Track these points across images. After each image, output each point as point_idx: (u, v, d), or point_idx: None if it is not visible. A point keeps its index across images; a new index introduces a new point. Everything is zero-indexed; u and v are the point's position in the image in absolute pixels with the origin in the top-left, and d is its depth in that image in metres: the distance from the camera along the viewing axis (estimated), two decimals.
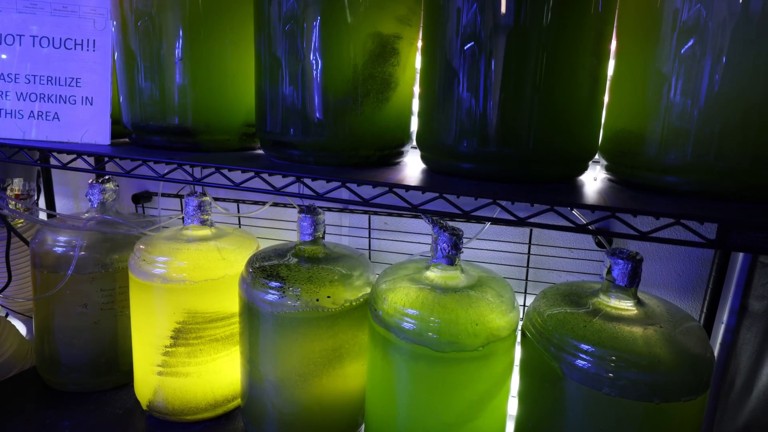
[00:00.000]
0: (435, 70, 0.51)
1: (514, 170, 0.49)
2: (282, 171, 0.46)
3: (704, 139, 0.43)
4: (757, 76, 0.41)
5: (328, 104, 0.53)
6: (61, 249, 0.78)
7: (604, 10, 0.47)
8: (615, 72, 0.51)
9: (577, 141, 0.50)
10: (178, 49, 0.58)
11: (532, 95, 0.46)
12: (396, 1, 0.53)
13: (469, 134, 0.49)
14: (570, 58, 0.47)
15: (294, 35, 0.52)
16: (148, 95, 0.60)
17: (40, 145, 0.57)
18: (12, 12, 0.63)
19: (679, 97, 0.44)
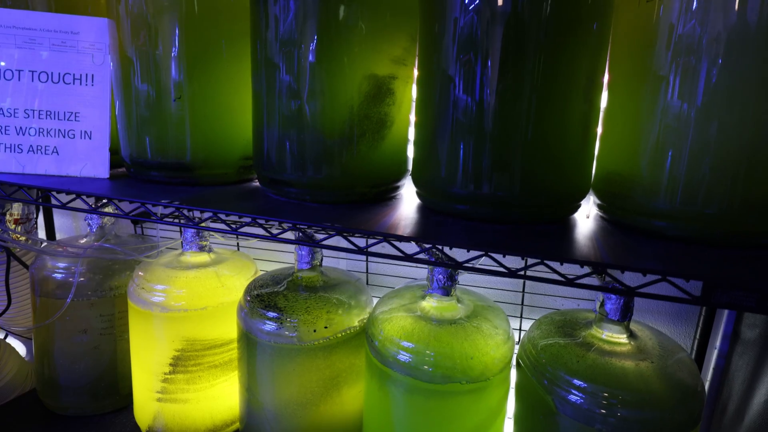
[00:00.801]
0: (429, 113, 0.52)
1: (507, 212, 0.50)
2: (278, 218, 0.46)
3: (691, 187, 0.44)
4: (743, 127, 0.42)
5: (324, 145, 0.53)
6: (60, 275, 0.79)
7: (595, 57, 0.48)
8: (606, 115, 0.52)
9: (569, 184, 0.51)
10: (175, 85, 0.59)
11: (525, 140, 0.47)
12: (391, 44, 0.54)
13: (463, 177, 0.50)
14: (562, 104, 0.48)
15: (290, 77, 0.53)
16: (146, 131, 0.61)
17: (39, 184, 0.58)
18: (11, 47, 0.63)
19: (667, 144, 0.45)
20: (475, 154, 0.49)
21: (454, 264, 0.42)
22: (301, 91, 0.53)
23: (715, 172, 0.43)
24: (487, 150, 0.48)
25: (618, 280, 0.38)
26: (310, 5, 0.50)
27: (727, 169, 0.43)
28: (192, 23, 0.58)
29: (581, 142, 0.50)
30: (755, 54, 0.40)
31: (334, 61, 0.51)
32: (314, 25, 0.51)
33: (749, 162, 0.42)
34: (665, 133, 0.45)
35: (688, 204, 0.44)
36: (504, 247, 0.41)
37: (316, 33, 0.51)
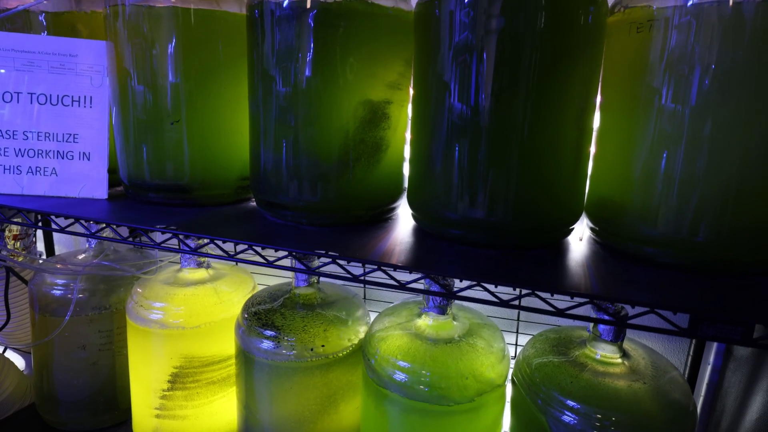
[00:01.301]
0: (423, 139, 0.53)
1: (501, 237, 0.50)
2: (274, 245, 0.47)
3: (681, 215, 0.45)
4: (732, 158, 0.42)
5: (321, 169, 0.54)
6: (59, 292, 0.80)
7: (587, 86, 0.49)
8: (598, 141, 0.53)
9: (562, 209, 0.52)
10: (173, 109, 0.60)
11: (518, 167, 0.48)
12: (386, 69, 0.55)
13: (457, 203, 0.50)
14: (554, 131, 0.48)
15: (286, 103, 0.53)
16: (144, 153, 0.61)
17: (38, 207, 0.58)
18: (10, 70, 0.64)
19: (657, 172, 0.46)
20: (469, 181, 0.49)
21: (447, 294, 0.42)
22: (297, 116, 0.53)
23: (704, 201, 0.44)
24: (480, 176, 0.49)
25: (608, 311, 0.38)
26: (305, 33, 0.51)
27: (715, 199, 0.43)
28: (189, 47, 0.59)
29: (574, 168, 0.51)
30: (743, 88, 0.41)
31: (329, 87, 0.52)
32: (309, 52, 0.51)
33: (737, 192, 0.43)
34: (655, 162, 0.46)
35: (678, 232, 0.45)
36: (497, 276, 0.41)
37: (310, 60, 0.52)
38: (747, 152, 0.42)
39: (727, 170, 0.43)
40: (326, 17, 0.50)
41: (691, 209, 0.44)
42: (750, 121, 0.42)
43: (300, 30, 0.51)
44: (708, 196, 0.44)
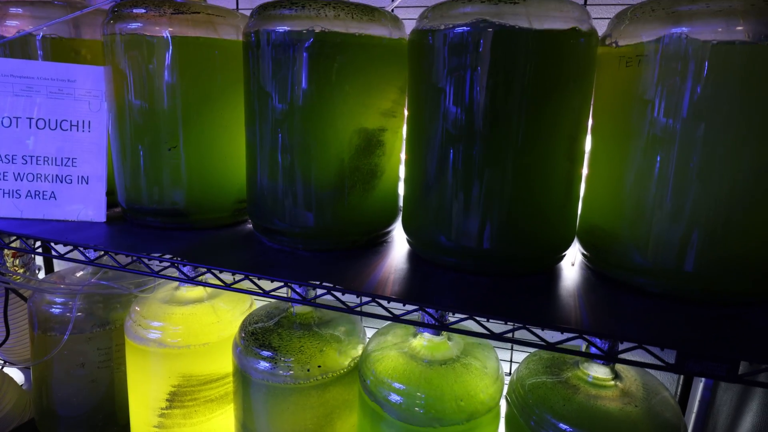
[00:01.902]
0: (417, 168, 0.54)
1: (494, 265, 0.51)
2: (270, 276, 0.48)
3: (669, 246, 0.46)
4: (719, 190, 0.43)
5: (316, 197, 0.55)
6: (57, 310, 0.80)
7: (578, 118, 0.50)
8: (589, 170, 0.53)
9: (554, 237, 0.52)
10: (170, 135, 0.60)
11: (511, 197, 0.49)
12: (380, 98, 0.55)
13: (450, 231, 0.51)
14: (545, 162, 0.49)
15: (281, 132, 0.54)
16: (142, 178, 0.62)
17: (36, 232, 0.59)
18: (9, 95, 0.64)
19: (646, 203, 0.47)
20: (463, 210, 0.50)
21: (440, 326, 0.43)
22: (292, 145, 0.54)
23: (692, 232, 0.45)
24: (473, 205, 0.50)
25: (597, 346, 0.39)
26: (300, 63, 0.52)
27: (702, 231, 0.44)
28: (186, 75, 0.59)
29: (565, 196, 0.52)
30: (729, 124, 0.42)
31: (324, 117, 0.53)
32: (304, 82, 0.52)
33: (724, 224, 0.44)
34: (644, 193, 0.47)
35: (666, 262, 0.46)
36: (488, 309, 0.42)
37: (306, 90, 0.52)
38: (733, 185, 0.43)
39: (713, 203, 0.44)
40: (321, 48, 0.51)
41: (678, 240, 0.45)
42: (736, 155, 0.42)
43: (295, 60, 0.52)
44: (695, 228, 0.44)
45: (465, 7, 0.47)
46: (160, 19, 0.57)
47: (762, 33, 0.40)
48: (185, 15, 0.58)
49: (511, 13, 0.46)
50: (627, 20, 0.48)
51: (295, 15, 0.51)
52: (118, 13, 0.59)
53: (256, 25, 0.54)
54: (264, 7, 0.54)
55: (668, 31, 0.43)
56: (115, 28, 0.59)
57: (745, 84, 0.41)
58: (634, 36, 0.46)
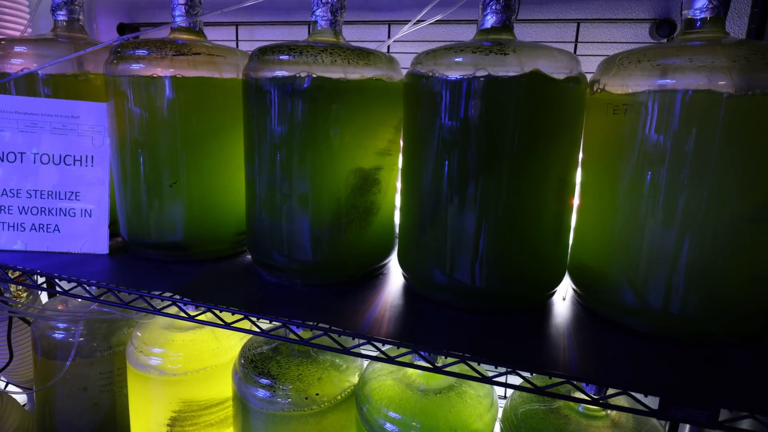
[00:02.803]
0: (412, 208, 0.55)
1: (487, 303, 0.53)
2: (269, 316, 0.50)
3: (655, 287, 0.47)
4: (703, 233, 0.45)
5: (314, 234, 0.56)
6: (60, 335, 0.82)
7: (567, 162, 0.52)
8: (579, 209, 0.55)
9: (545, 275, 0.54)
10: (171, 171, 0.62)
11: (503, 236, 0.50)
12: (376, 138, 0.57)
13: (444, 270, 0.53)
14: (536, 204, 0.51)
15: (280, 171, 0.56)
16: (143, 213, 0.64)
17: (41, 268, 0.60)
18: (14, 131, 0.66)
19: (633, 245, 0.48)
20: (456, 249, 0.52)
21: (433, 369, 0.45)
22: (290, 184, 0.56)
23: (677, 275, 0.46)
24: (467, 245, 0.51)
25: (585, 392, 0.41)
26: (298, 107, 0.53)
27: (688, 274, 0.46)
28: (187, 113, 0.61)
29: (555, 237, 0.53)
30: (711, 173, 0.43)
31: (321, 158, 0.54)
32: (302, 125, 0.54)
33: (709, 268, 0.45)
34: (630, 235, 0.48)
35: (651, 303, 0.47)
36: (481, 350, 0.44)
37: (303, 132, 0.54)
38: (717, 231, 0.44)
39: (698, 247, 0.45)
40: (318, 93, 0.53)
41: (664, 282, 0.47)
42: (718, 203, 0.44)
43: (293, 104, 0.53)
44: (680, 271, 0.46)
45: (457, 57, 0.49)
46: (162, 61, 0.59)
47: (743, 88, 0.42)
48: (186, 56, 0.59)
49: (501, 64, 0.47)
50: (615, 68, 0.49)
51: (292, 61, 0.53)
52: (121, 54, 0.60)
53: (256, 69, 0.55)
54: (263, 51, 0.55)
55: (654, 83, 0.45)
56: (118, 68, 0.61)
57: (727, 136, 0.42)
58: (621, 85, 0.48)
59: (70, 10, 0.73)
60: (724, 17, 0.48)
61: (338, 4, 0.59)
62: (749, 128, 0.42)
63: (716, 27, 0.48)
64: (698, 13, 0.48)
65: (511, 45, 0.48)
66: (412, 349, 0.45)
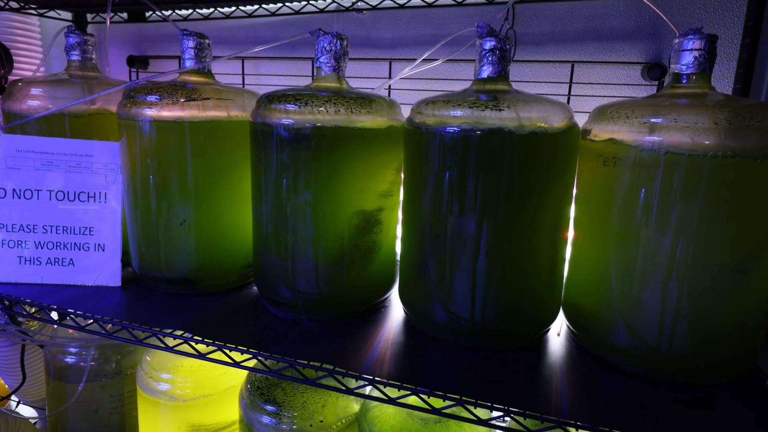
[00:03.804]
0: (412, 247, 0.58)
1: (484, 341, 0.55)
2: (276, 354, 0.52)
3: (643, 330, 0.49)
4: (689, 283, 0.47)
5: (318, 273, 0.59)
6: (72, 359, 0.85)
7: (560, 209, 0.54)
8: (572, 252, 0.57)
9: (539, 315, 0.56)
10: (180, 210, 0.65)
11: (499, 278, 0.53)
12: (378, 181, 0.60)
13: (443, 310, 0.55)
14: (530, 248, 0.53)
15: (286, 214, 0.58)
16: (154, 249, 0.66)
17: (57, 303, 0.63)
18: (30, 169, 0.69)
19: (622, 290, 0.50)
20: (454, 290, 0.54)
21: (431, 410, 0.47)
22: (296, 226, 0.58)
23: (665, 319, 0.48)
24: (464, 287, 0.54)
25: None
26: (303, 153, 0.56)
27: (674, 318, 0.48)
28: (196, 155, 0.63)
29: (548, 279, 0.56)
30: (698, 227, 0.46)
31: (325, 201, 0.57)
32: (307, 170, 0.56)
33: (694, 314, 0.48)
34: (619, 282, 0.51)
35: (640, 345, 0.50)
36: (477, 392, 0.46)
37: (308, 177, 0.56)
38: (702, 281, 0.47)
39: (683, 295, 0.47)
40: (321, 141, 0.55)
41: (652, 326, 0.49)
42: (702, 256, 0.46)
43: (298, 150, 0.56)
44: (668, 316, 0.48)
45: (455, 110, 0.51)
46: (173, 107, 0.61)
47: (724, 150, 0.44)
48: (197, 101, 0.62)
49: (496, 118, 0.50)
50: (605, 120, 0.52)
51: (297, 111, 0.55)
52: (133, 99, 0.63)
53: (263, 116, 0.58)
54: (270, 100, 0.58)
55: (641, 140, 0.47)
56: (131, 111, 0.63)
57: (710, 194, 0.45)
58: (610, 138, 0.50)
59: (83, 50, 0.75)
60: (709, 72, 0.51)
61: (341, 51, 0.61)
62: (730, 187, 0.44)
63: (702, 81, 0.50)
64: (684, 68, 0.51)
65: (506, 99, 0.51)
66: (412, 391, 0.48)
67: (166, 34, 0.94)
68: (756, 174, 0.45)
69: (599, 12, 0.68)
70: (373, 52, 0.80)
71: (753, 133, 0.44)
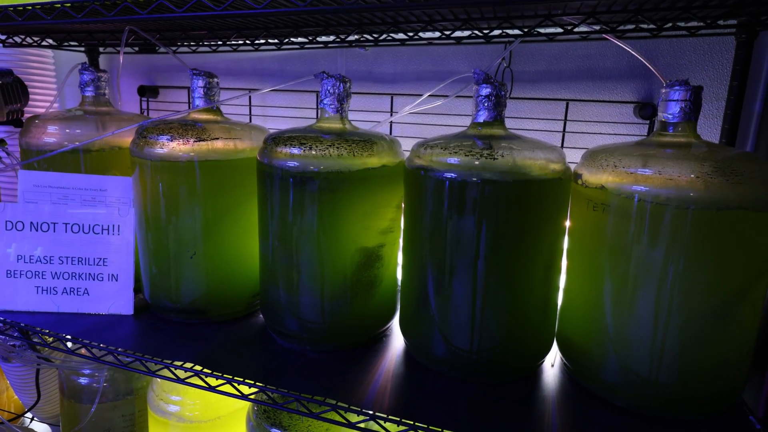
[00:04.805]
0: (412, 283, 0.61)
1: (481, 373, 0.58)
2: (282, 387, 0.56)
3: (629, 366, 0.52)
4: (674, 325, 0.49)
5: (322, 307, 0.62)
6: (85, 380, 0.88)
7: (552, 250, 0.57)
8: (564, 290, 0.60)
9: (534, 348, 0.59)
10: (190, 243, 0.67)
11: (495, 315, 0.55)
12: (379, 219, 0.62)
13: (442, 343, 0.58)
14: (524, 287, 0.56)
15: (290, 251, 0.61)
16: (165, 281, 0.69)
17: (74, 334, 0.66)
18: (47, 203, 0.72)
19: (611, 329, 0.53)
20: (452, 326, 0.57)
21: None
22: (300, 262, 0.61)
23: (651, 358, 0.51)
24: (461, 322, 0.56)
25: None
26: (308, 195, 0.59)
27: (660, 357, 0.50)
28: (206, 191, 0.66)
29: (542, 316, 0.58)
30: (682, 275, 0.48)
31: (328, 239, 0.60)
32: (310, 210, 0.59)
33: (680, 354, 0.50)
34: (609, 321, 0.53)
35: (629, 381, 0.52)
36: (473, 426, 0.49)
37: (312, 216, 0.59)
38: (686, 322, 0.49)
39: (668, 336, 0.50)
40: (325, 183, 0.58)
41: (639, 364, 0.51)
42: (686, 301, 0.49)
43: (302, 192, 0.59)
44: (655, 354, 0.51)
45: (452, 158, 0.54)
46: (184, 147, 0.64)
47: (707, 201, 0.46)
48: (206, 142, 0.65)
49: (491, 167, 0.52)
50: (595, 167, 0.54)
51: (302, 155, 0.58)
52: (145, 139, 0.66)
53: (269, 158, 0.61)
54: (276, 142, 0.61)
55: (628, 189, 0.50)
56: (144, 150, 0.66)
57: (693, 243, 0.47)
58: (598, 185, 0.53)
59: (97, 86, 0.79)
60: (695, 121, 0.53)
61: (344, 94, 0.64)
62: (711, 237, 0.47)
63: (688, 130, 0.53)
64: (671, 117, 0.53)
65: (501, 147, 0.53)
66: (410, 427, 0.50)
67: (175, 65, 0.97)
68: (735, 225, 0.47)
69: (593, 52, 0.70)
70: (376, 86, 0.83)
71: (733, 186, 0.46)
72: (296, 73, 0.88)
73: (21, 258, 0.73)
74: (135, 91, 0.99)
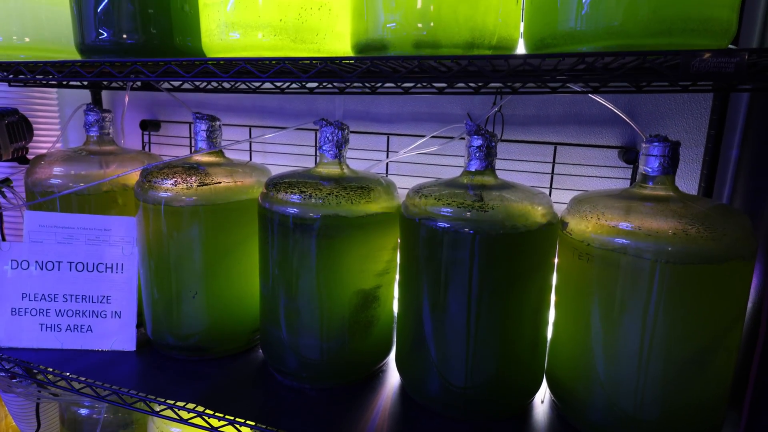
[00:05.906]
0: (408, 324, 0.63)
1: (472, 412, 0.60)
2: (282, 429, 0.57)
3: (615, 407, 0.55)
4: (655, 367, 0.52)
5: (321, 347, 0.64)
6: (85, 411, 0.89)
7: (540, 296, 0.60)
8: (552, 332, 0.63)
9: (524, 386, 0.62)
10: (192, 284, 0.70)
11: (487, 357, 0.58)
12: (376, 262, 0.65)
13: (436, 383, 0.60)
14: (514, 331, 0.59)
15: (290, 295, 0.64)
16: (167, 319, 0.71)
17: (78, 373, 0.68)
18: (52, 243, 0.74)
19: (596, 372, 0.56)
20: (446, 367, 0.59)
21: None
22: (300, 304, 0.64)
23: (634, 399, 0.54)
24: (455, 364, 0.59)
25: None
26: (305, 240, 0.61)
27: (643, 399, 0.53)
28: (208, 232, 0.69)
29: (532, 356, 0.61)
30: (664, 323, 0.51)
31: (327, 283, 0.62)
32: (309, 255, 0.62)
33: (661, 396, 0.53)
34: (596, 363, 0.56)
35: (613, 421, 0.55)
36: None
37: (310, 261, 0.62)
38: (665, 367, 0.52)
39: (649, 380, 0.53)
40: (324, 230, 0.61)
41: (622, 403, 0.54)
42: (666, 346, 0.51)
43: (302, 237, 0.61)
44: (638, 396, 0.53)
45: (445, 209, 0.57)
46: (187, 191, 0.67)
47: (683, 256, 0.49)
48: (209, 186, 0.67)
49: (482, 219, 0.55)
50: (579, 217, 0.57)
51: (302, 203, 0.61)
52: (150, 183, 0.68)
53: (270, 203, 0.64)
54: (276, 189, 0.63)
55: (609, 241, 0.53)
56: (148, 193, 0.69)
57: (670, 295, 0.50)
58: (584, 235, 0.56)
59: (101, 126, 0.81)
60: (673, 174, 0.56)
61: (342, 140, 0.67)
62: (688, 289, 0.50)
63: (667, 183, 0.56)
64: (651, 171, 0.56)
65: (492, 198, 0.56)
66: None
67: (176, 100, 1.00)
68: (709, 278, 0.50)
69: (579, 99, 0.74)
70: (373, 126, 0.86)
71: (707, 241, 0.49)
72: (295, 111, 0.91)
73: (26, 296, 0.74)
74: (137, 124, 1.01)
